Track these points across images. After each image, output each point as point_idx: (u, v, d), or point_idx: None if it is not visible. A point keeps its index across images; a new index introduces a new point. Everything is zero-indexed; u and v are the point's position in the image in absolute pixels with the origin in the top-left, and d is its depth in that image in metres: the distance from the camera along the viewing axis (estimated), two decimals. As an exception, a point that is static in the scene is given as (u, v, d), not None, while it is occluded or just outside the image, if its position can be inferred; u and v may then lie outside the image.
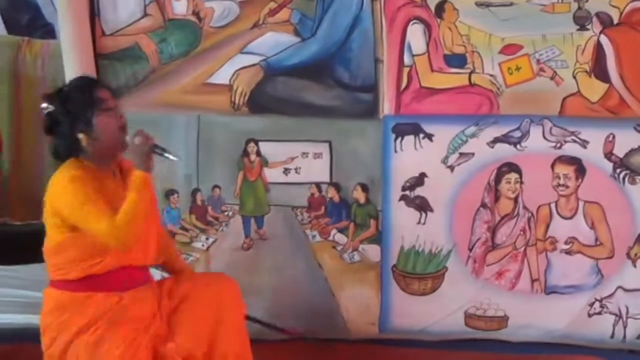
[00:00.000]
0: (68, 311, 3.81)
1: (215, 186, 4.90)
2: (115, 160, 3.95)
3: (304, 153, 4.85)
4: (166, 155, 3.94)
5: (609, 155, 4.64)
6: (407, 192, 4.76)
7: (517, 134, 4.64)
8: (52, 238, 3.82)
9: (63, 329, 3.81)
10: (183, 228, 4.91)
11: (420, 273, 4.80)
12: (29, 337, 4.50)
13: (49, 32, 6.30)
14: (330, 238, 4.89)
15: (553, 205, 4.70)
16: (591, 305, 4.75)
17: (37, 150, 5.52)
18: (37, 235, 4.99)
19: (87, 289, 3.80)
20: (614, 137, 4.63)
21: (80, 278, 3.79)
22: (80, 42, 4.77)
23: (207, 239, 4.93)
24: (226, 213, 4.92)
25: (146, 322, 3.88)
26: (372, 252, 4.83)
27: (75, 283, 3.81)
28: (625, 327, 4.79)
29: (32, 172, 5.59)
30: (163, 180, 4.78)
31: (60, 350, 3.80)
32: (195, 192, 4.91)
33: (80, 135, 3.78)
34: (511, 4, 4.59)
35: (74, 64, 4.71)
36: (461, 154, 4.70)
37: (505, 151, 4.68)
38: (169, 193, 4.89)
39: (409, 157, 4.74)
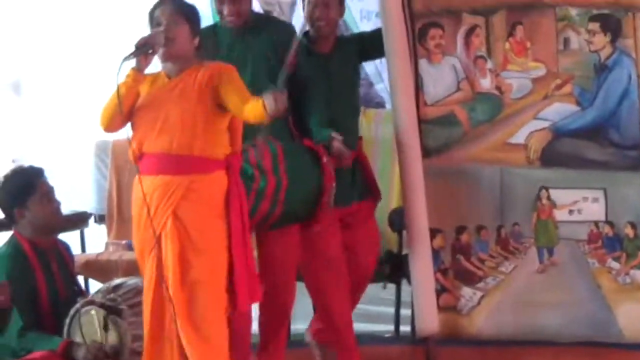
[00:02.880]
0: None
1: (515, 223, 5.41)
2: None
3: (584, 198, 5.34)
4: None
5: None
6: (670, 229, 5.16)
7: None
8: None
9: None
10: (491, 256, 5.43)
11: (681, 292, 5.15)
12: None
13: (379, 103, 6.88)
14: (607, 265, 5.32)
15: None
16: None
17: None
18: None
19: None
20: None
21: None
22: (407, 110, 5.26)
23: (509, 264, 5.44)
24: (524, 244, 5.42)
25: None
26: (640, 276, 5.24)
27: None
28: None
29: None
30: (474, 217, 5.41)
31: None
32: (500, 227, 5.42)
33: None
34: None
35: (402, 128, 5.24)
36: None
37: None
38: (480, 228, 5.42)
39: (669, 201, 5.14)
